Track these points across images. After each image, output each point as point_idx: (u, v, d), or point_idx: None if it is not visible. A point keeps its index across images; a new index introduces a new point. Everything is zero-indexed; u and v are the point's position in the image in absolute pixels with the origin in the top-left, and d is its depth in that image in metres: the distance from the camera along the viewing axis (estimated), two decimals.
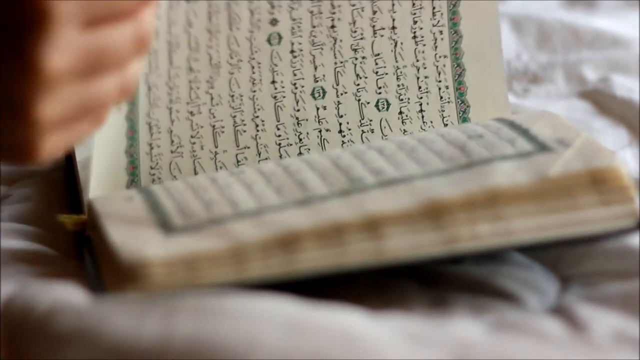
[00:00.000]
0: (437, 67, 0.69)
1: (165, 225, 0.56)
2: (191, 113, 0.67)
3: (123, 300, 0.52)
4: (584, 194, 0.57)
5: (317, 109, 0.68)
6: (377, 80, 0.68)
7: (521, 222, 0.56)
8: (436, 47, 0.68)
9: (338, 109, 0.68)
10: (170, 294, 0.52)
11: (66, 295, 0.54)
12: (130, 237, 0.56)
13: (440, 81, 0.69)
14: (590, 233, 0.56)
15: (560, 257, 0.59)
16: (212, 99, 0.67)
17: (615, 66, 0.82)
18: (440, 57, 0.69)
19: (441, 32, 0.68)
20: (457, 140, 0.61)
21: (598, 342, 0.53)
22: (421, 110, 0.69)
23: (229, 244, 0.54)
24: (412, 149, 0.61)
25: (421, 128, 0.69)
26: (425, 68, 0.68)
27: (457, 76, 0.69)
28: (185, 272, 0.53)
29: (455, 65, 0.69)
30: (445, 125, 0.69)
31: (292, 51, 0.67)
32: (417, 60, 0.68)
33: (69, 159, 0.72)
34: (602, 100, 0.78)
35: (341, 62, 0.68)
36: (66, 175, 0.72)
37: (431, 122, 0.69)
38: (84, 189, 0.66)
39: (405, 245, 0.55)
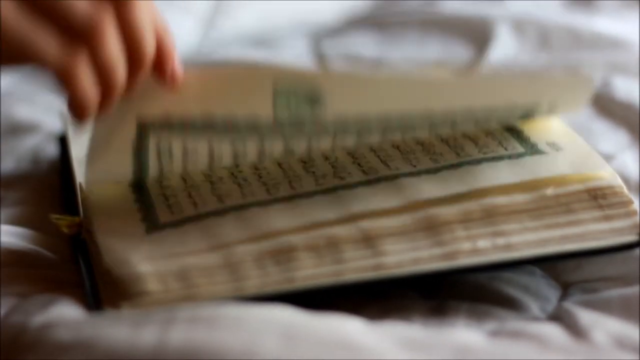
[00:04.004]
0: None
1: (149, 220, 0.56)
2: None
3: (119, 315, 0.52)
4: (584, 209, 0.56)
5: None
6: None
7: (522, 237, 0.55)
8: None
9: None
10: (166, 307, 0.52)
11: (62, 310, 0.53)
12: (117, 240, 0.55)
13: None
14: (592, 247, 0.56)
15: (561, 263, 0.59)
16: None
17: (616, 68, 0.82)
18: None
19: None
20: (448, 136, 0.60)
21: (598, 348, 0.52)
22: None
23: (214, 245, 0.54)
24: (401, 140, 0.60)
25: None
26: None
27: None
28: (180, 289, 0.53)
29: None
30: None
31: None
32: None
33: (65, 161, 0.71)
34: (602, 103, 0.78)
35: None
36: (61, 179, 0.71)
37: None
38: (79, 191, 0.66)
39: (404, 260, 0.54)
